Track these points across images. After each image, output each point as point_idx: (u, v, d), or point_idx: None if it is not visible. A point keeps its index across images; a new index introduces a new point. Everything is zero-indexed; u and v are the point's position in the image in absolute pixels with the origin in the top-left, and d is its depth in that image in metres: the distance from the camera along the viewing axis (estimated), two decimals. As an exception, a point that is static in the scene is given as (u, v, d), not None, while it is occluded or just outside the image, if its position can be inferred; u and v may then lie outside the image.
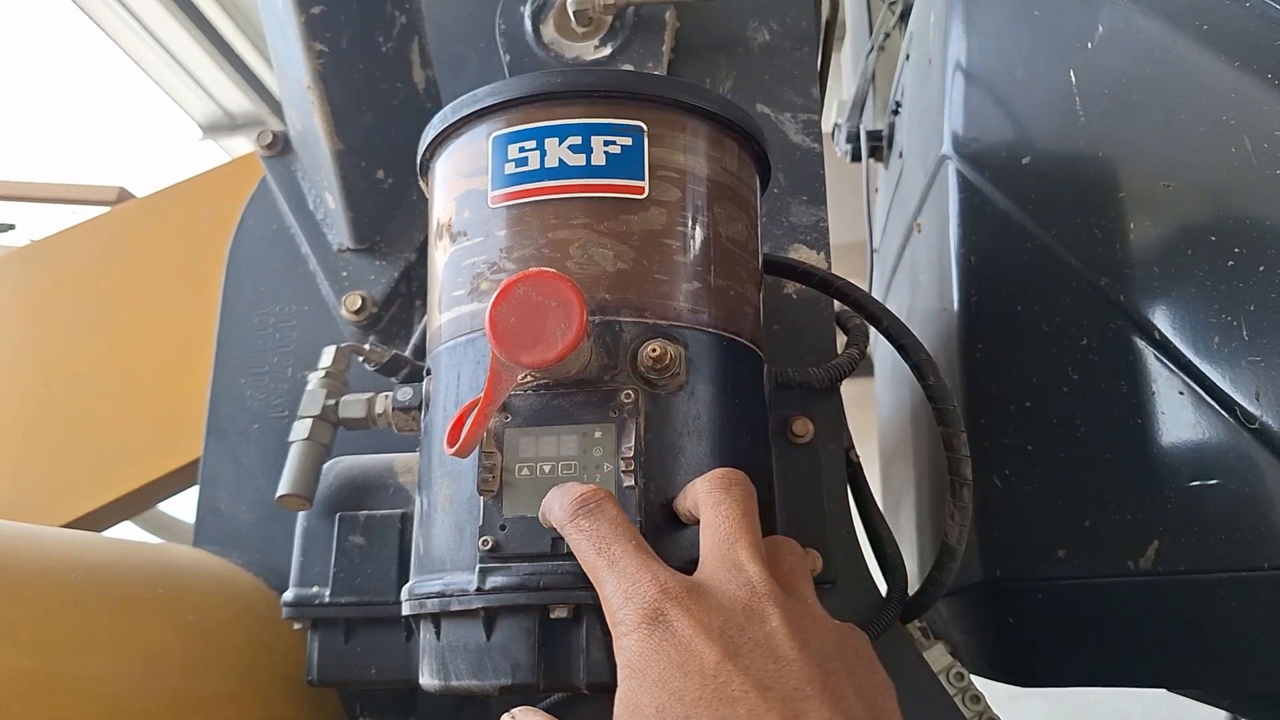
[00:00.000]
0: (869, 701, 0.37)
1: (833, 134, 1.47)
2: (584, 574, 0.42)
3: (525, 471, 0.44)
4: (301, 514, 0.60)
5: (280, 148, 0.78)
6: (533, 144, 0.48)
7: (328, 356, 0.63)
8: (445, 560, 0.46)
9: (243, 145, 4.21)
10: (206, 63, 3.87)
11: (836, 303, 0.63)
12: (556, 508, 0.41)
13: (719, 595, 0.38)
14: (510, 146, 0.48)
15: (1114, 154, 0.62)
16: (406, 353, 0.69)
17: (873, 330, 0.61)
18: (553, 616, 0.42)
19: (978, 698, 0.57)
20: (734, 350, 0.49)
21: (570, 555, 0.42)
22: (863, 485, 0.61)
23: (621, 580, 0.38)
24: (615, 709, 0.37)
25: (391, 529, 0.57)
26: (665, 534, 0.43)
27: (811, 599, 0.41)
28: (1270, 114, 0.52)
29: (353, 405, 0.60)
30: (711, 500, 0.42)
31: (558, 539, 0.43)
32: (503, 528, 0.43)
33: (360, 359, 0.62)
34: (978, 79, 0.79)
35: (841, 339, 0.64)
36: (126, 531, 1.17)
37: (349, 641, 0.56)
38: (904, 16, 1.29)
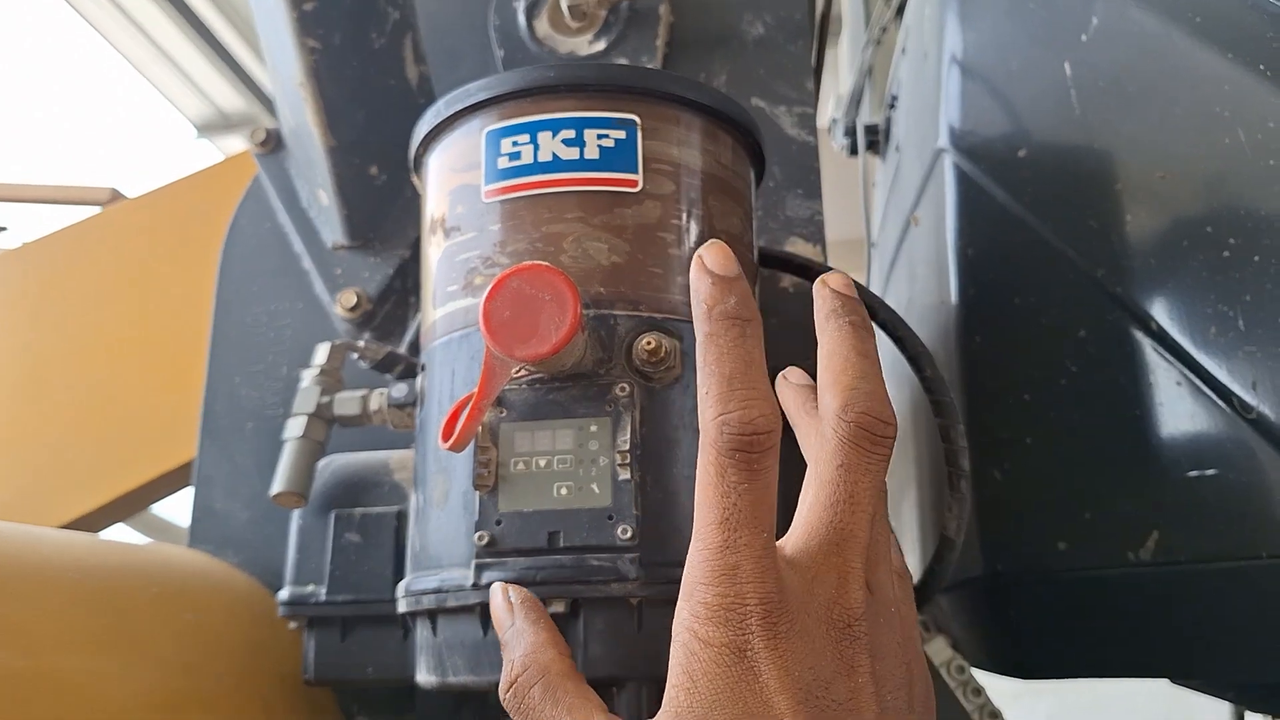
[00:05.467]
0: None
1: (829, 129, 1.47)
2: (581, 568, 0.42)
3: (521, 466, 0.44)
4: (296, 512, 0.60)
5: (273, 144, 0.77)
6: (526, 138, 0.47)
7: (322, 353, 0.63)
8: (441, 556, 0.45)
9: (237, 144, 4.20)
10: (200, 62, 3.86)
11: (833, 296, 0.63)
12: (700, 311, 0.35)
13: (813, 626, 0.33)
14: (503, 141, 0.48)
15: (1109, 146, 0.62)
16: (401, 349, 0.69)
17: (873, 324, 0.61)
18: (550, 611, 0.42)
19: (979, 690, 0.57)
20: (730, 344, 0.49)
21: (566, 550, 0.42)
22: None
23: (726, 579, 0.32)
24: (666, 697, 0.33)
25: (387, 526, 0.57)
26: (663, 530, 0.43)
27: (885, 601, 0.35)
28: (1264, 105, 0.52)
29: (347, 402, 0.59)
30: (843, 455, 0.34)
31: (554, 533, 0.42)
32: (499, 523, 0.43)
33: (355, 356, 0.62)
34: (974, 72, 0.79)
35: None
36: (120, 535, 1.16)
37: (345, 640, 0.56)
38: (900, 10, 1.29)
